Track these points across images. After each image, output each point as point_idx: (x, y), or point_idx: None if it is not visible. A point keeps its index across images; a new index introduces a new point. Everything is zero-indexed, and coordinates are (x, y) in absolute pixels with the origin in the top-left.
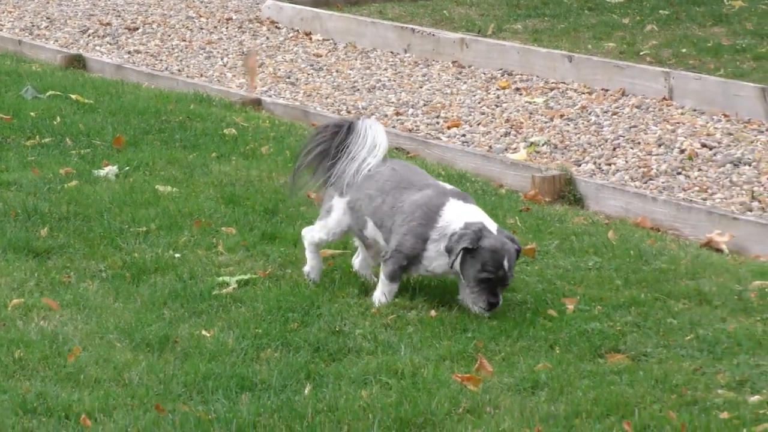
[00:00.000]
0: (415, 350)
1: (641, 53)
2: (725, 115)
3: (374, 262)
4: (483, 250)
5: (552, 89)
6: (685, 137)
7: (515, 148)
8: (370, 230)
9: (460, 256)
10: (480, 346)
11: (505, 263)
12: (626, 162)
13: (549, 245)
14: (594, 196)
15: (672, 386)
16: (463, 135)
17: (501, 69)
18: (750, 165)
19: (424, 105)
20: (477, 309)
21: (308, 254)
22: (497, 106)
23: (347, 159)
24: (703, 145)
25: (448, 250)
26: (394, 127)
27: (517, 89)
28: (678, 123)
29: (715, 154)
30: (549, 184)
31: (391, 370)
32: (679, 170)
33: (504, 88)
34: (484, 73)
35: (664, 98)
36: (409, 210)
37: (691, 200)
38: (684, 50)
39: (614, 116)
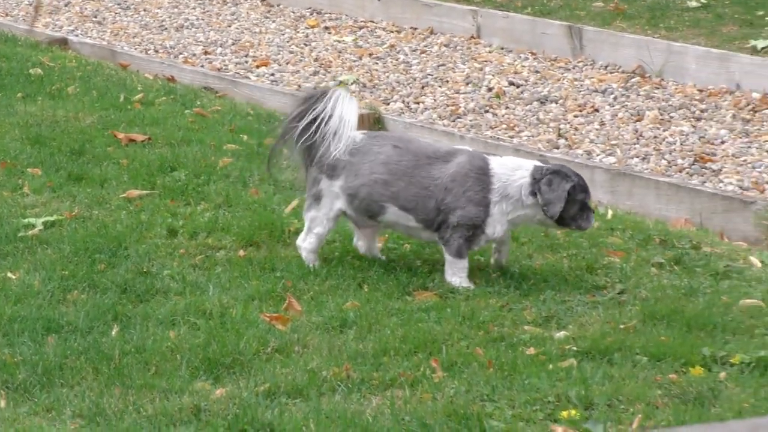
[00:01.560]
0: (223, 290)
1: None
2: (532, 53)
3: (369, 241)
4: (575, 179)
5: (361, 28)
6: (493, 75)
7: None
8: (392, 215)
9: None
10: (289, 285)
11: (583, 180)
12: (435, 100)
13: None
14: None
15: (479, 323)
16: (272, 74)
17: (310, 8)
18: (557, 103)
19: (233, 44)
20: (584, 225)
21: (311, 264)
22: (306, 45)
23: (320, 133)
24: (511, 83)
25: (549, 201)
26: (202, 66)
27: (326, 28)
28: (486, 61)
29: (522, 92)
30: (358, 123)
31: (199, 310)
32: (487, 108)
33: (313, 26)
34: (293, 12)
35: (472, 36)
36: (458, 182)
37: (498, 138)
38: None
39: (423, 55)
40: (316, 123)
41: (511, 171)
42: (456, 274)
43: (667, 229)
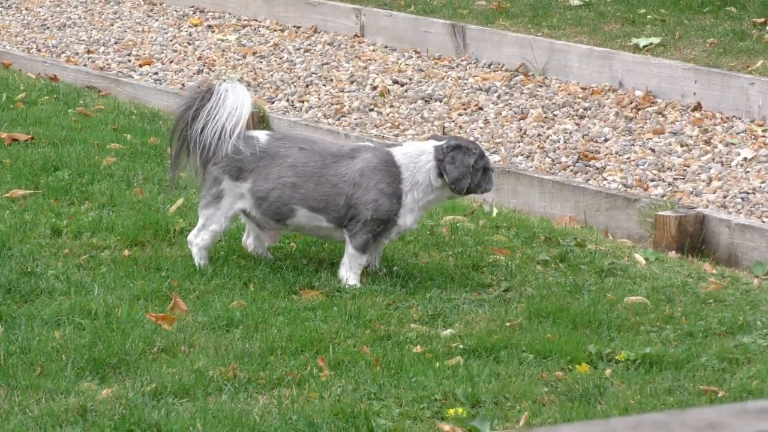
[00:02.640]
0: (108, 290)
1: None
2: (416, 52)
3: (272, 241)
4: (475, 150)
5: (244, 26)
6: (377, 74)
7: None
8: (302, 218)
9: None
10: (174, 285)
11: (481, 148)
12: (319, 99)
13: None
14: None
15: (366, 321)
16: (156, 73)
17: (193, 6)
18: (441, 101)
19: (116, 43)
20: (489, 187)
21: (201, 262)
22: (189, 44)
23: (211, 128)
24: (395, 82)
25: (457, 179)
26: (85, 65)
27: (210, 27)
28: (370, 60)
29: (406, 91)
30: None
31: (84, 310)
32: (372, 106)
33: (196, 25)
34: (176, 11)
35: (356, 35)
36: (366, 176)
37: (383, 136)
38: None
39: (307, 53)
40: (207, 119)
41: (416, 158)
42: (353, 269)
43: (552, 227)
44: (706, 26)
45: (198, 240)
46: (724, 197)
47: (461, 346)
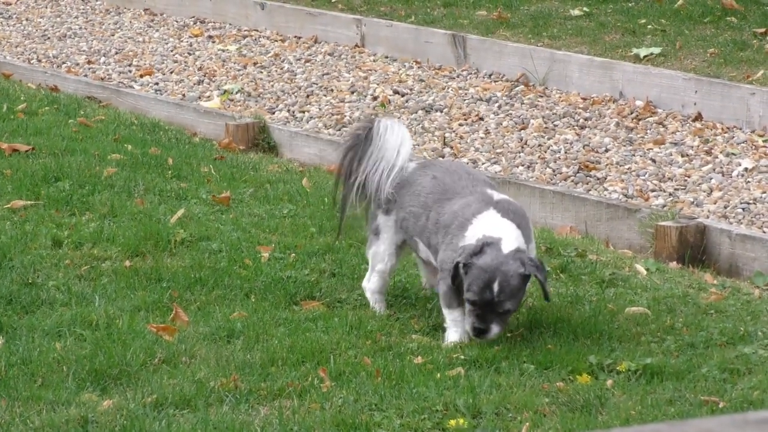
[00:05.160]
0: (109, 301)
1: (333, 0)
2: (417, 62)
3: (429, 279)
4: (474, 267)
5: (245, 37)
6: (378, 84)
7: (209, 96)
8: (423, 251)
9: (460, 272)
10: (175, 295)
11: (495, 286)
12: (320, 109)
13: (244, 193)
14: (288, 143)
15: (367, 332)
16: (156, 83)
17: (193, 17)
18: (441, 111)
19: (116, 53)
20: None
21: (376, 306)
22: (190, 54)
23: (373, 169)
24: (396, 92)
25: (442, 263)
26: (86, 75)
27: (210, 37)
28: (370, 70)
29: (407, 101)
30: (243, 132)
31: (85, 321)
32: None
33: (197, 35)
34: (177, 21)
35: (357, 45)
36: (447, 221)
37: None
38: None
39: (307, 63)
40: (368, 162)
41: (483, 230)
42: (450, 328)
43: (553, 237)
44: (707, 36)
45: (369, 284)
46: (725, 207)
47: (462, 357)
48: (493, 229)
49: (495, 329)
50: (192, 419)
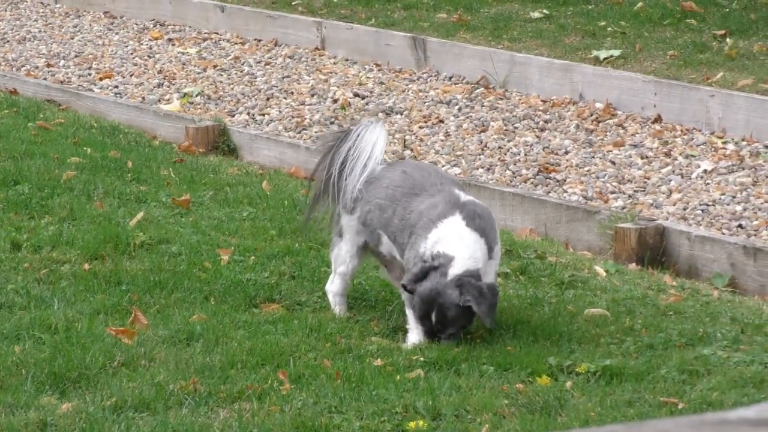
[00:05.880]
0: (68, 304)
1: (293, 3)
2: (377, 65)
3: (394, 277)
4: (415, 294)
5: (205, 40)
6: (338, 87)
7: (168, 99)
8: (386, 246)
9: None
10: (135, 298)
11: (433, 316)
12: (280, 112)
13: (203, 196)
14: (248, 146)
15: (326, 334)
16: (116, 86)
17: (153, 19)
18: (402, 114)
19: (76, 56)
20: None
21: (337, 308)
22: (150, 57)
23: (347, 172)
24: (356, 95)
25: (407, 262)
26: (45, 78)
27: (170, 40)
28: (331, 72)
29: (367, 104)
30: (203, 135)
31: (44, 324)
32: (333, 119)
33: (156, 38)
34: (136, 24)
35: (317, 48)
36: (413, 220)
37: None
38: (335, 0)
39: (267, 66)
40: (343, 162)
41: (442, 240)
42: (414, 329)
43: (513, 240)
44: (667, 38)
45: (332, 287)
46: (684, 209)
47: (422, 359)
48: (452, 241)
49: (446, 342)
50: (151, 422)
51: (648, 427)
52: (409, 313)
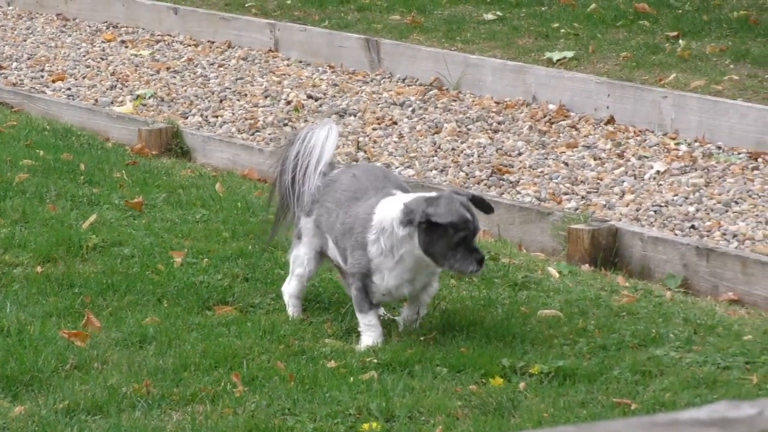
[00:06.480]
0: (21, 307)
1: (247, 5)
2: (331, 66)
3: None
4: (444, 212)
5: (158, 42)
6: (292, 88)
7: (121, 102)
8: (331, 249)
9: (423, 230)
10: (87, 301)
11: (468, 214)
12: (233, 114)
13: (156, 198)
14: (201, 148)
15: (280, 336)
16: (69, 89)
17: (106, 22)
18: (355, 115)
19: (29, 58)
20: (470, 270)
21: (291, 310)
22: (103, 59)
23: (299, 176)
24: (309, 96)
25: (409, 221)
26: None
27: (123, 42)
28: (284, 74)
29: (321, 105)
30: (156, 137)
31: None
32: (286, 121)
33: (109, 40)
34: (89, 26)
35: (270, 50)
36: (351, 223)
37: None
38: (289, 2)
39: (221, 68)
40: (294, 166)
41: (391, 205)
42: (365, 333)
43: None
44: (620, 40)
45: (288, 288)
46: (637, 210)
47: (375, 361)
48: (405, 198)
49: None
50: (104, 425)
51: (599, 428)
52: (361, 316)
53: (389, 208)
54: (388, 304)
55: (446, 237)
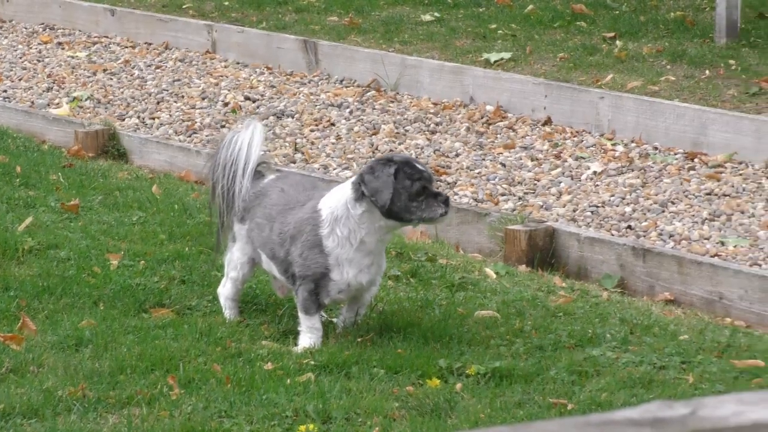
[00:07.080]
0: None
1: (184, 6)
2: (268, 68)
3: (281, 293)
4: (401, 166)
5: (95, 43)
6: (229, 90)
7: (58, 104)
8: (265, 263)
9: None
10: (23, 304)
11: (418, 165)
12: (170, 116)
13: (93, 201)
14: (138, 150)
15: (217, 339)
16: (5, 91)
17: (43, 23)
18: (293, 117)
19: None
20: (439, 214)
21: (227, 312)
22: (39, 61)
23: (228, 180)
24: (247, 98)
25: (379, 188)
26: None
27: (60, 43)
28: (222, 76)
29: (258, 107)
30: (92, 139)
31: None
32: (223, 123)
33: (46, 42)
34: (26, 28)
35: (208, 51)
36: (296, 230)
37: None
38: (226, 3)
39: (158, 70)
40: (223, 170)
41: (336, 192)
42: (308, 335)
43: (403, 242)
44: (557, 41)
45: (224, 290)
46: (574, 211)
47: (312, 363)
48: (334, 193)
49: None
50: (40, 429)
51: (534, 428)
52: (305, 318)
53: (335, 197)
54: (327, 306)
55: (405, 191)
